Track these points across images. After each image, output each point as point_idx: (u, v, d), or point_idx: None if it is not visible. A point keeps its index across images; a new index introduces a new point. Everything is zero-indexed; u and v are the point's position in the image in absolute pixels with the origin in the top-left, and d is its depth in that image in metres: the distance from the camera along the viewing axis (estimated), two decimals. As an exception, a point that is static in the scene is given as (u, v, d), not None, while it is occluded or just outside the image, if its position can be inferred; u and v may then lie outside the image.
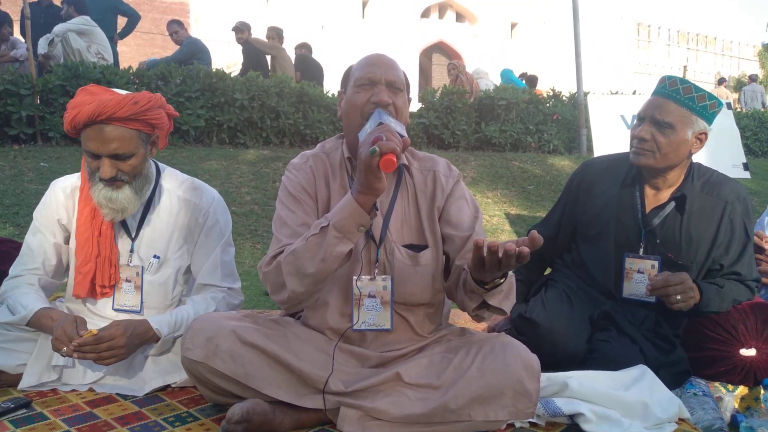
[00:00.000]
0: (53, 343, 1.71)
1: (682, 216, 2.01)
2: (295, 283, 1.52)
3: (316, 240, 1.50)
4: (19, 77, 5.62)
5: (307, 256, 1.50)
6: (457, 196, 1.77)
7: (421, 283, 1.70)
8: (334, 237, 1.48)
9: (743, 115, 10.16)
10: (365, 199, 1.47)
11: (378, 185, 1.43)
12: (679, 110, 1.93)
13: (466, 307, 1.61)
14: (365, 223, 1.49)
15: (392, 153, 1.36)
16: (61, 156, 5.40)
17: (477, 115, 7.83)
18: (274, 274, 1.56)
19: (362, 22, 21.03)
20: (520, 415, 1.58)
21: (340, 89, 1.79)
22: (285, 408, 1.60)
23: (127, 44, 12.85)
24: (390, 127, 1.44)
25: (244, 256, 4.06)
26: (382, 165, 1.36)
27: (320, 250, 1.49)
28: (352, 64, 1.76)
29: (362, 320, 1.68)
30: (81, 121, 1.73)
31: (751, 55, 31.18)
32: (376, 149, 1.35)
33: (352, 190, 1.49)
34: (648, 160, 1.96)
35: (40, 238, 1.93)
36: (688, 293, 1.88)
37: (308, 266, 1.50)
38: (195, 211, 1.97)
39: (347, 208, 1.48)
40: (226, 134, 6.47)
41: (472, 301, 1.56)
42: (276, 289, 1.57)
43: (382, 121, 1.47)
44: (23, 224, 4.04)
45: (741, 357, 1.94)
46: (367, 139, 1.41)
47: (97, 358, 1.71)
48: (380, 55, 1.74)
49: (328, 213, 1.55)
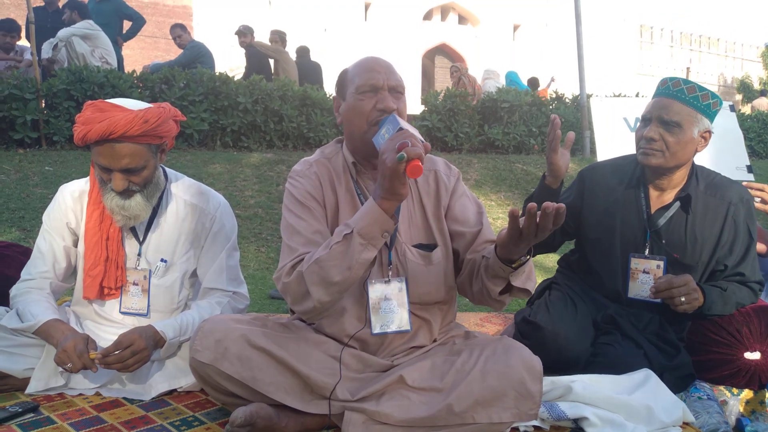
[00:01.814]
0: (60, 355, 1.72)
1: (687, 216, 2.02)
2: (321, 293, 1.51)
3: (340, 248, 1.48)
4: (23, 81, 5.65)
5: (332, 264, 1.48)
6: (459, 193, 1.79)
7: (435, 281, 1.71)
8: (359, 244, 1.47)
9: (747, 117, 10.14)
10: (389, 205, 1.46)
11: (403, 191, 1.43)
12: (685, 109, 1.94)
13: (488, 293, 1.59)
14: (389, 228, 1.49)
15: (418, 158, 1.36)
16: (66, 160, 5.42)
17: (480, 117, 7.84)
18: (296, 284, 1.54)
19: (365, 24, 21.05)
20: (524, 416, 1.58)
21: (336, 95, 1.77)
22: (289, 412, 1.61)
23: (130, 48, 12.88)
24: (411, 132, 1.44)
25: (249, 259, 4.07)
26: (409, 171, 1.36)
27: (345, 257, 1.48)
28: (347, 68, 1.75)
29: (380, 323, 1.68)
30: (92, 139, 1.75)
31: (754, 57, 31.14)
32: (404, 155, 1.35)
33: (374, 195, 1.48)
34: (658, 159, 1.97)
35: (50, 241, 1.95)
36: (692, 295, 1.89)
37: (334, 275, 1.49)
38: (202, 216, 1.99)
39: (371, 214, 1.47)
40: (229, 138, 6.48)
41: (496, 286, 1.56)
42: (298, 299, 1.55)
43: (402, 127, 1.47)
44: (29, 228, 4.06)
45: (745, 360, 1.94)
46: (390, 146, 1.40)
47: (122, 366, 1.73)
48: (377, 58, 1.73)
49: (341, 219, 1.54)
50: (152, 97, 6.18)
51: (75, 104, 5.77)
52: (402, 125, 1.47)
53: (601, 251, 2.11)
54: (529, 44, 23.18)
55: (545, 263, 4.47)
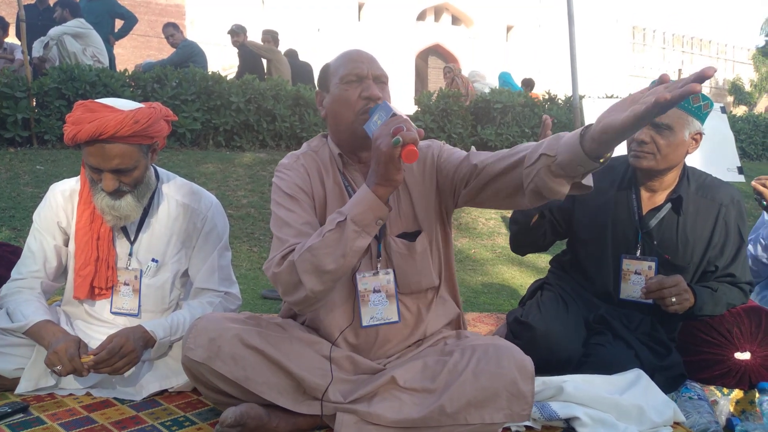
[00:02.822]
0: (50, 357, 1.70)
1: (678, 218, 2.03)
2: (314, 282, 1.48)
3: (333, 236, 1.46)
4: (14, 80, 5.60)
5: (325, 252, 1.46)
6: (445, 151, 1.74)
7: (423, 269, 1.71)
8: (353, 231, 1.45)
9: (738, 119, 10.20)
10: (384, 191, 1.45)
11: (397, 176, 1.42)
12: (675, 112, 1.95)
13: (550, 193, 1.39)
14: (384, 215, 1.47)
15: (414, 143, 1.35)
16: (56, 159, 5.39)
17: (473, 118, 7.85)
18: (287, 274, 1.51)
19: (358, 24, 21.06)
20: (516, 417, 1.57)
21: (319, 89, 1.76)
22: (280, 412, 1.60)
23: (123, 46, 12.84)
24: (405, 118, 1.43)
25: (241, 259, 4.06)
26: (404, 156, 1.35)
27: (339, 245, 1.46)
28: (329, 63, 1.74)
29: (370, 316, 1.68)
30: (81, 139, 1.73)
31: (745, 59, 31.36)
32: (400, 139, 1.34)
33: (368, 182, 1.47)
34: (649, 162, 1.98)
35: (40, 240, 1.94)
36: (683, 295, 1.90)
37: (327, 263, 1.46)
38: (193, 216, 1.98)
39: (365, 201, 1.46)
40: (222, 137, 6.46)
41: (562, 186, 1.37)
42: (290, 289, 1.53)
43: (395, 113, 1.45)
44: (19, 227, 4.03)
45: (736, 361, 1.96)
46: (385, 131, 1.39)
47: (112, 370, 1.72)
48: (359, 50, 1.72)
49: (329, 211, 1.53)
50: (144, 96, 6.15)
51: (66, 103, 5.73)
52: (395, 111, 1.46)
53: (593, 252, 2.12)
54: (522, 45, 23.26)
55: (537, 263, 4.48)
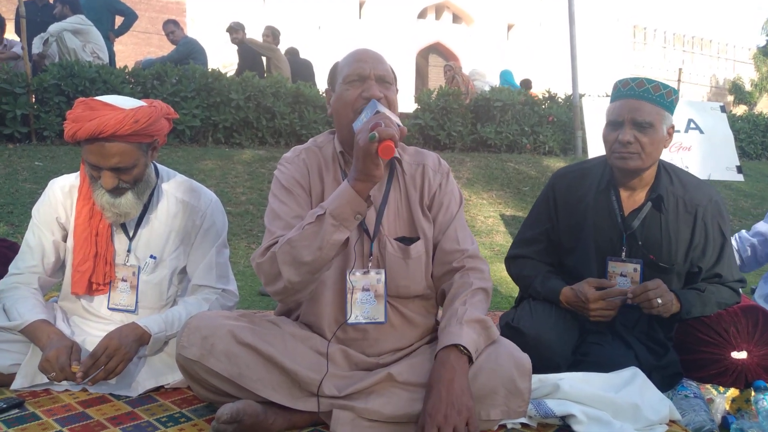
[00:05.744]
0: (43, 364, 1.70)
1: (660, 215, 2.02)
2: (292, 273, 1.52)
3: (312, 228, 1.50)
4: (13, 76, 5.61)
5: (303, 244, 1.50)
6: (443, 192, 1.79)
7: (414, 275, 1.72)
8: (331, 225, 1.48)
9: (737, 118, 10.20)
10: (362, 187, 1.48)
11: (376, 172, 1.44)
12: (654, 109, 1.95)
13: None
14: (362, 210, 1.49)
15: (391, 139, 1.37)
16: (56, 155, 5.39)
17: (473, 116, 7.85)
18: (268, 264, 1.56)
19: (359, 22, 21.03)
20: (513, 414, 1.58)
21: (328, 87, 1.80)
22: (277, 409, 1.60)
23: (123, 43, 12.82)
24: (387, 115, 1.46)
25: (239, 256, 4.06)
26: (380, 151, 1.38)
27: (317, 238, 1.49)
28: (338, 61, 1.77)
29: (356, 314, 1.68)
30: (81, 137, 1.74)
31: (746, 58, 31.30)
32: (376, 135, 1.37)
33: (348, 177, 1.50)
34: (636, 162, 1.97)
35: (39, 236, 1.94)
36: (666, 296, 1.89)
37: (305, 255, 1.50)
38: (192, 213, 1.98)
39: (344, 195, 1.48)
40: (221, 134, 6.46)
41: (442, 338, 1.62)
42: (271, 279, 1.57)
43: (378, 110, 1.49)
44: (17, 223, 4.04)
45: (732, 360, 1.95)
46: (365, 126, 1.42)
47: (106, 372, 1.72)
48: (366, 49, 1.74)
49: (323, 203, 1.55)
50: (144, 93, 6.15)
51: (66, 99, 5.73)
52: (380, 109, 1.49)
53: (578, 257, 2.09)
54: (522, 44, 23.23)
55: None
